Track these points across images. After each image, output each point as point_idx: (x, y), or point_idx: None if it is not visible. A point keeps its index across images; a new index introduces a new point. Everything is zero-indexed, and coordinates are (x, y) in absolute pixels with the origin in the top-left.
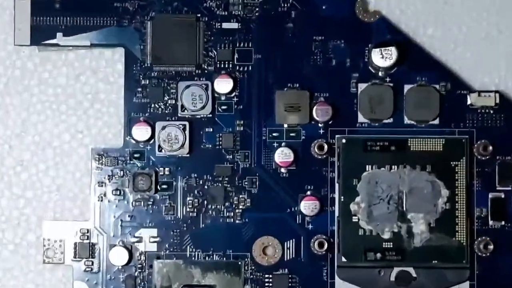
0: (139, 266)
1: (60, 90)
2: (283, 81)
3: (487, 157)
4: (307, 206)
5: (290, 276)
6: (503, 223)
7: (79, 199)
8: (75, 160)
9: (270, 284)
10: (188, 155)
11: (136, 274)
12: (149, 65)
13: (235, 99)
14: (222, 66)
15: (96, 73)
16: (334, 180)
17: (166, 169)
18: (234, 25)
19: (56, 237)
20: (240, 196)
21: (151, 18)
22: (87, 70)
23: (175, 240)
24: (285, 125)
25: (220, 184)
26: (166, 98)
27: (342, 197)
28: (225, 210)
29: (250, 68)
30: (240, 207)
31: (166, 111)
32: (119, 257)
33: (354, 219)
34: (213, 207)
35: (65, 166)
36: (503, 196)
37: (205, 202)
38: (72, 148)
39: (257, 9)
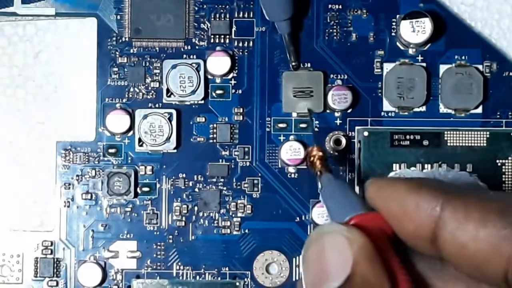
0: (114, 287)
1: (16, 71)
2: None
3: None
4: (321, 214)
5: None
6: None
7: (41, 204)
8: (36, 157)
9: None
10: (175, 151)
11: None
12: (127, 39)
13: (232, 82)
14: (217, 41)
15: (62, 50)
16: (353, 182)
17: (148, 167)
18: None
19: (12, 251)
20: (239, 201)
21: None
22: (51, 46)
23: (159, 256)
24: (294, 114)
25: (214, 187)
26: (148, 81)
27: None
28: (220, 218)
29: (251, 44)
30: (239, 215)
31: (148, 97)
32: (90, 276)
33: None
34: (205, 214)
35: (23, 164)
36: None
37: (196, 208)
38: (32, 142)
39: None
